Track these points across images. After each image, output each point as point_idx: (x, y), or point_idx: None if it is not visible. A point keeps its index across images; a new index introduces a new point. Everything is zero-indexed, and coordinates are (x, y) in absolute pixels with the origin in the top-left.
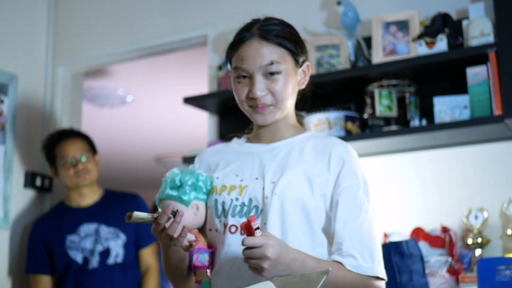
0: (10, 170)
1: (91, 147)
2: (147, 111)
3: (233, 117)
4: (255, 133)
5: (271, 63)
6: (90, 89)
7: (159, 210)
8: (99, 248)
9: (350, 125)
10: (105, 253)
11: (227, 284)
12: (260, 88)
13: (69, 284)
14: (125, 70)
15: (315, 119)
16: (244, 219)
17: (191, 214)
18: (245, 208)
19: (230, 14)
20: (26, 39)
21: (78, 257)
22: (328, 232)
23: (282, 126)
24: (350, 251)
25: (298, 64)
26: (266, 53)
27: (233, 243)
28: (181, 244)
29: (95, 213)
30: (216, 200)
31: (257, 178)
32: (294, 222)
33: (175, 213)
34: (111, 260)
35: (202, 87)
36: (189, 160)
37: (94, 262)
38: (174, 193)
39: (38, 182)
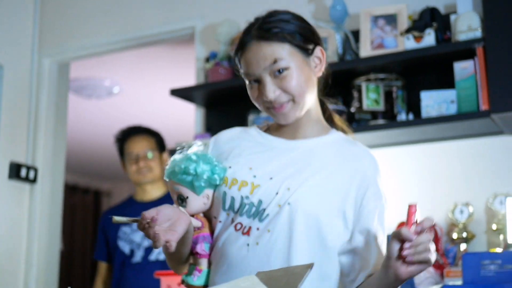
0: None
1: (159, 145)
2: (133, 102)
3: (220, 109)
4: (276, 125)
5: (275, 62)
6: (76, 80)
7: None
8: (146, 243)
9: None
10: (150, 248)
11: (222, 278)
12: (271, 89)
13: (115, 273)
14: (112, 61)
15: None
16: (251, 220)
17: (201, 203)
18: (254, 209)
19: (218, 6)
20: (12, 29)
21: (125, 248)
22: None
23: (305, 123)
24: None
25: (307, 53)
26: (267, 52)
27: (235, 240)
28: (157, 247)
29: (152, 208)
30: (225, 193)
31: (271, 178)
32: (303, 239)
33: (182, 200)
34: (153, 257)
35: (189, 79)
36: (174, 153)
37: (138, 256)
38: (187, 178)
39: (23, 173)
